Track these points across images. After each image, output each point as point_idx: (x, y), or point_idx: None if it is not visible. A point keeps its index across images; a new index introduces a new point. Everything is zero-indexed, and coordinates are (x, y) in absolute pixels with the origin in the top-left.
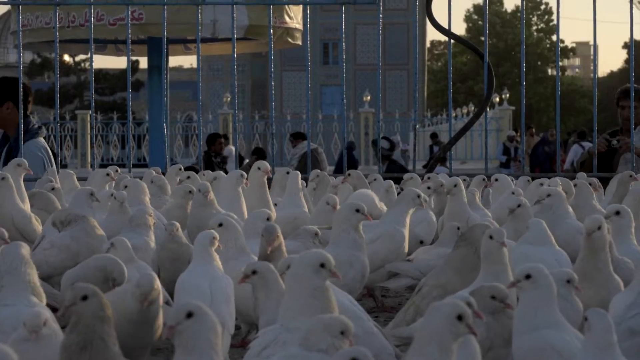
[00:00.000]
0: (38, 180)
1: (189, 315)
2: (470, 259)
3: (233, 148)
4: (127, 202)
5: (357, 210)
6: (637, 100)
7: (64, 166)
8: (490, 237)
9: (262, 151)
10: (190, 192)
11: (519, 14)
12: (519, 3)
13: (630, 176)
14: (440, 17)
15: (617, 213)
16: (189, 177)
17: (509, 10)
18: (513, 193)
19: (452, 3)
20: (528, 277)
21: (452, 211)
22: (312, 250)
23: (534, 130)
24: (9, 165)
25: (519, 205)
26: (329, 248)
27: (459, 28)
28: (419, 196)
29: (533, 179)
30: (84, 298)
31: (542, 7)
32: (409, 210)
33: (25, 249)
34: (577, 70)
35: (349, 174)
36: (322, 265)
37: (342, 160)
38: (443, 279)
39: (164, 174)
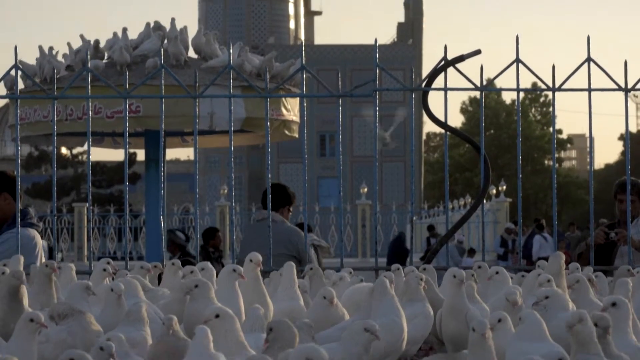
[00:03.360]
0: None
1: None
2: None
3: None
4: (123, 295)
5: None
6: (635, 193)
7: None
8: (473, 330)
9: None
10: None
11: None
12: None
13: (628, 270)
14: (437, 109)
15: (614, 304)
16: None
17: (507, 102)
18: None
19: (448, 95)
20: None
21: (451, 304)
22: (303, 345)
23: (544, 223)
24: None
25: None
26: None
27: (457, 119)
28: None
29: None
30: None
31: (542, 99)
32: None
33: None
34: (574, 162)
35: (311, 268)
36: None
37: (392, 251)
38: None
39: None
